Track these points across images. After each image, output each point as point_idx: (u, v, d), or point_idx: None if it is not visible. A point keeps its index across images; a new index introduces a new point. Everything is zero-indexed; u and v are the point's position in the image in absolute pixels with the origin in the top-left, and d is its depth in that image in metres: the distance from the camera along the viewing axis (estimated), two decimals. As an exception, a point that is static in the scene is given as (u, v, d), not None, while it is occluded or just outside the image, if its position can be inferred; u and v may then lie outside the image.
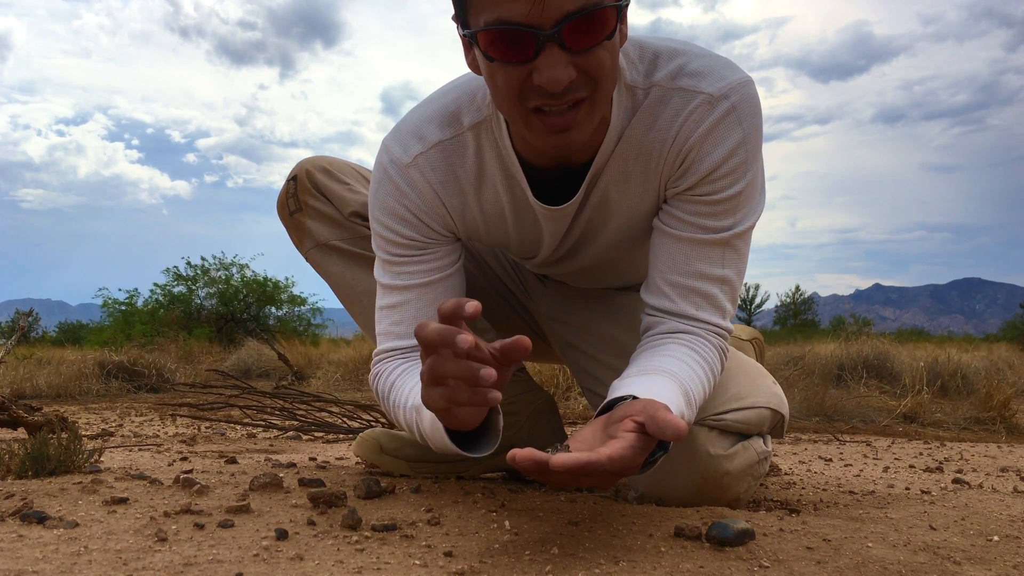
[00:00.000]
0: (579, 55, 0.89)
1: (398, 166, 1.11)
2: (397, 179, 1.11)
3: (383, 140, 1.15)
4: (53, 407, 4.04)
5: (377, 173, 1.14)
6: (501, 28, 0.87)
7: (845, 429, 3.91)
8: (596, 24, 0.88)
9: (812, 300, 31.23)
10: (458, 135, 1.11)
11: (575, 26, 0.87)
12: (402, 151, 1.11)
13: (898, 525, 1.05)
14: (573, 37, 0.88)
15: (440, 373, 0.80)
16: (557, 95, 0.90)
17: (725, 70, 1.03)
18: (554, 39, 0.87)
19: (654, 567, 0.81)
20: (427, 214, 1.13)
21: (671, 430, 0.78)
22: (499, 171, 1.11)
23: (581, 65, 0.90)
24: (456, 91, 1.12)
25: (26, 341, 13.16)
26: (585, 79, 0.91)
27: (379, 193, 1.13)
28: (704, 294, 1.07)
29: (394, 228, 1.13)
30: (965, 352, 7.09)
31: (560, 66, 0.88)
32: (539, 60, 0.88)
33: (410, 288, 1.13)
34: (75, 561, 0.77)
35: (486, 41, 0.90)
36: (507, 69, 0.91)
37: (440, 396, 0.81)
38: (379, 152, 1.15)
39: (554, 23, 0.86)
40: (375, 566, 0.79)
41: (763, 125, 1.06)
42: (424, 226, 1.13)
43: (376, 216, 1.14)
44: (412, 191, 1.12)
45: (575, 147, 0.97)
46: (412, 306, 1.13)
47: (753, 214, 1.09)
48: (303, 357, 7.09)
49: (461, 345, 0.75)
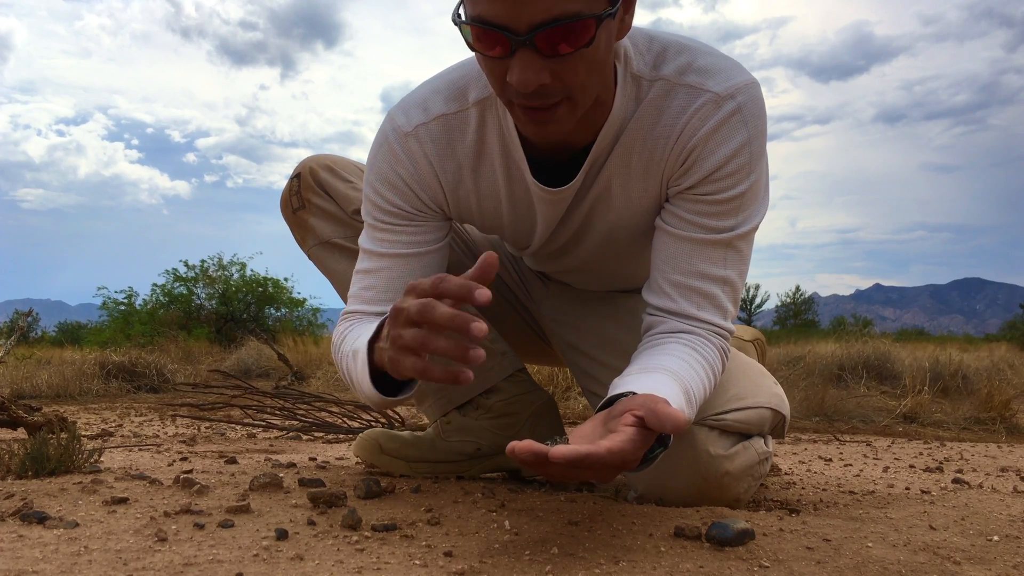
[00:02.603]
0: (554, 60, 0.89)
1: (398, 134, 1.12)
2: (395, 146, 1.13)
3: (389, 110, 1.16)
4: (53, 407, 4.04)
5: (377, 140, 1.15)
6: (479, 26, 0.88)
7: (845, 429, 3.91)
8: (572, 34, 0.87)
9: (812, 300, 31.23)
10: (462, 110, 1.11)
11: (549, 34, 0.86)
12: (405, 120, 1.12)
13: (898, 525, 1.05)
14: (547, 44, 0.87)
15: (427, 349, 0.82)
16: (529, 96, 0.91)
17: (732, 70, 1.03)
18: (527, 44, 0.87)
19: (654, 567, 0.81)
20: (419, 184, 1.13)
21: (671, 423, 0.78)
22: (499, 149, 1.11)
23: (556, 71, 0.90)
24: (466, 66, 1.12)
25: (26, 341, 13.16)
26: (559, 85, 0.91)
27: (375, 158, 1.15)
28: (705, 294, 1.07)
29: (383, 194, 1.14)
30: (965, 352, 7.10)
31: (531, 70, 0.88)
32: (513, 60, 0.89)
33: (387, 256, 1.14)
34: (75, 561, 0.77)
35: (471, 32, 0.91)
36: (489, 61, 0.93)
37: (412, 367, 0.84)
38: (383, 121, 1.16)
39: (528, 28, 0.86)
40: (375, 566, 0.79)
41: (767, 128, 1.06)
42: (414, 196, 1.14)
43: (369, 180, 1.15)
44: (408, 159, 1.12)
45: (556, 139, 0.98)
46: (385, 274, 1.14)
47: (756, 216, 1.09)
48: (303, 357, 7.09)
49: (476, 334, 0.77)
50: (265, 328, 12.01)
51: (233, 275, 13.18)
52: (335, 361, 1.17)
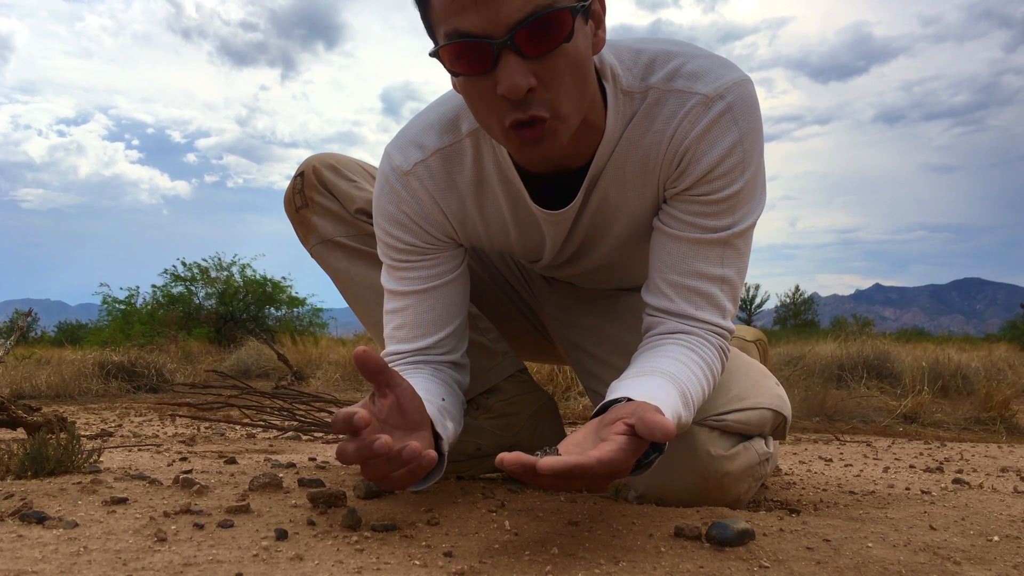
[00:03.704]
0: (537, 61, 0.89)
1: (399, 174, 1.14)
2: (397, 186, 1.14)
3: (385, 148, 1.17)
4: (52, 407, 4.04)
5: (379, 180, 1.16)
6: (457, 41, 0.88)
7: (845, 429, 3.91)
8: (551, 28, 0.87)
9: (812, 300, 31.20)
10: (456, 142, 1.12)
11: (529, 31, 0.86)
12: (403, 159, 1.13)
13: (898, 525, 1.05)
14: (528, 43, 0.87)
15: (371, 477, 0.86)
16: (521, 103, 0.90)
17: (721, 70, 1.03)
18: (508, 46, 0.87)
19: (654, 567, 0.81)
20: (426, 220, 1.15)
21: (660, 431, 0.78)
22: (497, 177, 1.12)
23: (541, 74, 0.89)
24: (456, 98, 1.12)
25: (25, 341, 13.16)
26: (546, 95, 0.91)
27: (380, 200, 1.16)
28: (703, 294, 1.07)
29: (395, 234, 1.15)
30: (965, 352, 7.10)
31: (518, 74, 0.88)
32: (498, 70, 0.88)
33: (411, 294, 1.17)
34: (75, 561, 0.77)
35: (448, 57, 0.91)
36: (473, 82, 0.92)
37: (373, 477, 0.86)
38: (382, 159, 1.17)
39: (507, 30, 0.86)
40: (375, 566, 0.79)
41: (763, 124, 1.06)
42: (423, 232, 1.15)
43: (378, 222, 1.17)
44: (411, 198, 1.14)
45: (552, 158, 0.97)
46: (412, 311, 1.17)
47: (753, 213, 1.08)
48: (303, 357, 7.09)
49: (379, 451, 0.81)
50: (265, 328, 12.01)
51: (234, 275, 13.18)
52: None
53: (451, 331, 1.18)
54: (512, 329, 1.51)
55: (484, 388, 1.36)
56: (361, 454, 0.81)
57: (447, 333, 1.18)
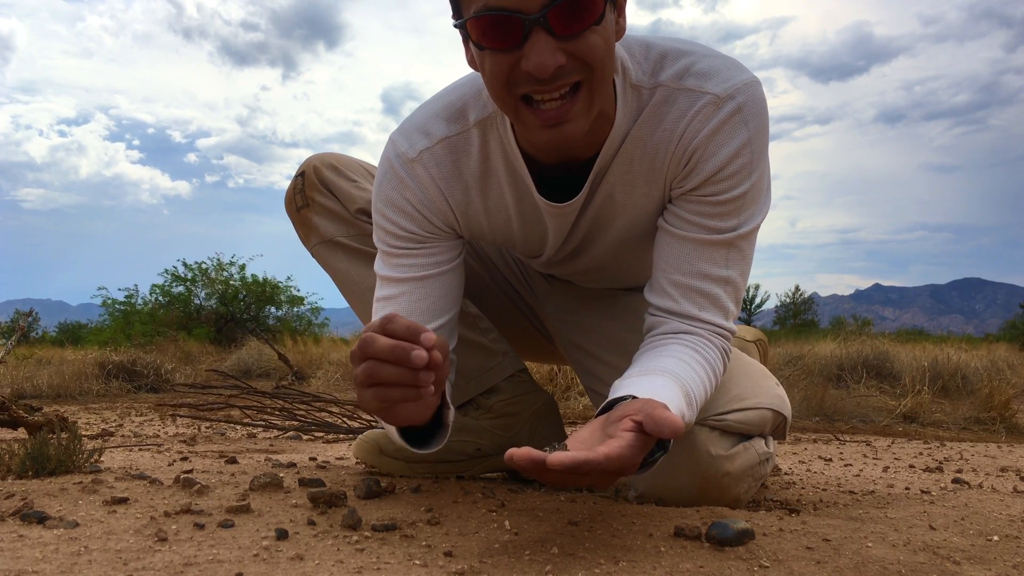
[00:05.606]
0: (567, 40, 0.89)
1: (403, 160, 1.12)
2: (401, 173, 1.12)
3: (390, 135, 1.16)
4: (53, 407, 4.04)
5: (382, 166, 1.15)
6: (488, 14, 0.88)
7: (845, 429, 3.91)
8: (583, 9, 0.88)
9: (812, 300, 31.20)
10: (464, 131, 1.11)
11: (561, 10, 0.87)
12: (408, 146, 1.12)
13: (898, 525, 1.05)
14: (560, 22, 0.88)
15: (376, 379, 0.83)
16: (546, 81, 0.90)
17: (732, 70, 1.03)
18: (540, 23, 0.87)
19: (654, 567, 0.81)
20: (428, 208, 1.13)
21: (668, 428, 0.78)
22: (504, 167, 1.11)
23: (570, 51, 0.90)
24: (463, 88, 1.12)
25: (26, 341, 13.16)
26: (576, 64, 0.91)
27: (383, 185, 1.14)
28: (707, 294, 1.07)
29: (395, 220, 1.14)
30: (965, 352, 7.09)
31: (547, 52, 0.88)
32: (527, 46, 0.89)
33: (405, 281, 1.14)
34: (75, 561, 0.77)
35: (476, 30, 0.91)
36: (496, 57, 0.92)
37: (373, 396, 0.84)
38: (386, 146, 1.15)
39: (540, 7, 0.86)
40: (375, 566, 0.79)
41: (769, 126, 1.06)
42: (424, 220, 1.14)
43: (378, 208, 1.15)
44: (415, 185, 1.12)
45: (572, 140, 0.96)
46: (405, 299, 1.14)
47: (758, 215, 1.08)
48: (303, 357, 7.09)
49: (417, 363, 0.80)
50: (265, 328, 12.01)
51: (234, 275, 13.18)
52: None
53: (443, 323, 1.16)
54: (512, 329, 1.51)
55: (484, 388, 1.36)
56: (384, 326, 0.82)
57: (439, 325, 1.15)
